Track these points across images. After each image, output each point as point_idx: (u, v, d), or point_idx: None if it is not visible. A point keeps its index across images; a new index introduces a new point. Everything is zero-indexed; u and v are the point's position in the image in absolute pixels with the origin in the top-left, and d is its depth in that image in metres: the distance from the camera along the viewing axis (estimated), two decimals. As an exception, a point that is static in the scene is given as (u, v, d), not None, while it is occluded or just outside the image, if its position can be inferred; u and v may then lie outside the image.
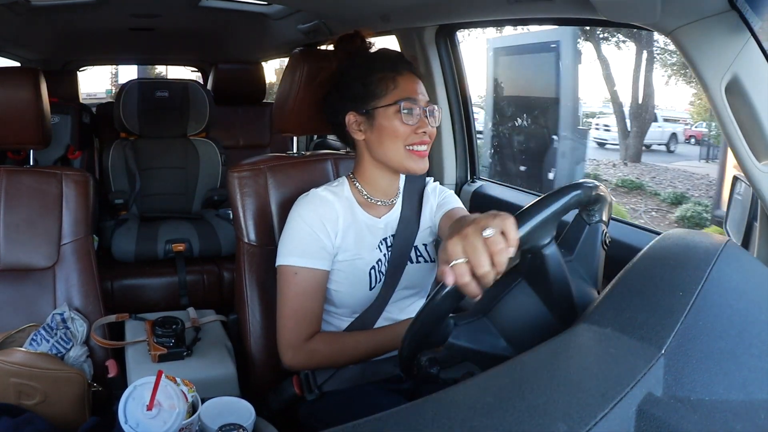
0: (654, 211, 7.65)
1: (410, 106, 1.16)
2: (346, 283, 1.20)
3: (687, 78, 10.22)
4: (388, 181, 1.25)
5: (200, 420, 0.88)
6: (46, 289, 1.38)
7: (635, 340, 0.57)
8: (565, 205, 0.77)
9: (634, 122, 10.21)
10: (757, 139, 0.96)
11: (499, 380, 0.53)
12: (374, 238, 1.23)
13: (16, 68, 2.29)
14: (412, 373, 0.84)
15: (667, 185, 8.51)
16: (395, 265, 1.22)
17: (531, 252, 0.77)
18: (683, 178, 8.69)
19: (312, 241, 1.16)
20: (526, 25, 4.47)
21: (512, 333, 0.78)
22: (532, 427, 0.46)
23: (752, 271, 0.78)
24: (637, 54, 10.30)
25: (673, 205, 7.67)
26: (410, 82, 1.19)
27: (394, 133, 1.16)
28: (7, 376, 1.14)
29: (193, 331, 1.41)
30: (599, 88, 10.10)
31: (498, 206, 1.41)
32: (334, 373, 1.19)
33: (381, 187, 1.25)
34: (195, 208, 2.71)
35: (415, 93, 1.18)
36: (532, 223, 0.72)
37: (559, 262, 0.78)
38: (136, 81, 2.74)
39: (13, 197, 1.37)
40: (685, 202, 7.50)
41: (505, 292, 0.79)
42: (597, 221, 0.87)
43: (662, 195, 8.02)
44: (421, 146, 1.18)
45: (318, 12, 2.29)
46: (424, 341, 0.80)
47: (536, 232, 0.74)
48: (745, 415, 0.56)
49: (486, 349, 0.77)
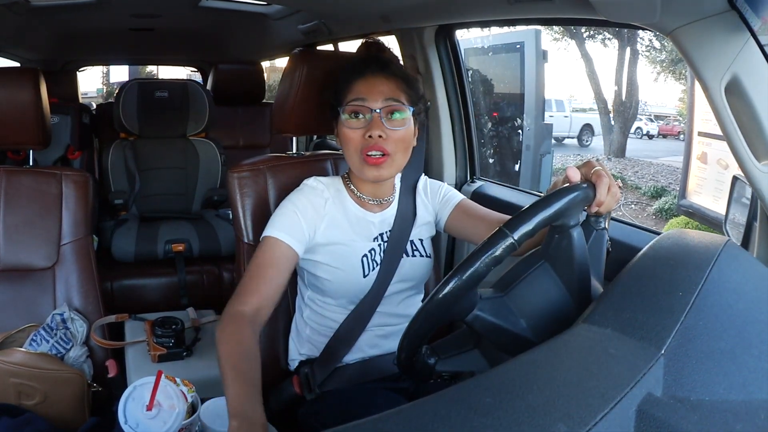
0: (634, 204, 7.83)
1: (356, 109, 1.13)
2: (338, 271, 1.18)
3: (676, 75, 10.31)
4: (373, 185, 1.22)
5: (200, 420, 0.88)
6: (46, 290, 1.38)
7: (635, 340, 0.57)
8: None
9: (618, 118, 10.29)
10: (757, 139, 0.96)
11: (499, 380, 0.53)
12: (368, 230, 1.22)
13: (16, 68, 2.30)
14: (410, 371, 0.84)
15: (649, 179, 8.65)
16: (391, 256, 1.21)
17: (559, 231, 0.79)
18: (666, 173, 8.82)
19: (291, 219, 1.15)
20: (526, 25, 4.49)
21: (531, 314, 0.79)
22: (532, 427, 0.46)
23: (752, 271, 0.78)
24: (620, 51, 10.39)
25: (653, 198, 7.89)
26: (368, 84, 1.14)
27: (345, 138, 1.15)
28: (7, 376, 1.14)
29: (193, 331, 1.41)
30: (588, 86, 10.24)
31: (498, 206, 1.41)
32: (334, 372, 1.19)
33: (369, 189, 1.24)
34: (195, 208, 2.71)
35: (369, 94, 1.13)
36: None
37: (583, 245, 0.80)
38: (135, 81, 2.74)
39: (13, 198, 1.37)
40: (665, 195, 7.73)
41: (527, 273, 0.80)
42: (602, 228, 0.88)
43: (643, 189, 8.21)
44: (372, 152, 1.12)
45: (318, 12, 2.29)
46: (422, 341, 0.80)
47: (568, 211, 0.77)
48: (745, 415, 0.56)
49: (508, 326, 0.77)
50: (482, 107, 6.28)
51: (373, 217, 1.23)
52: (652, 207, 7.66)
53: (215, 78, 3.17)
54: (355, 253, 1.19)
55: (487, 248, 0.72)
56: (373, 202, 1.24)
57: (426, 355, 0.82)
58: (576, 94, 14.38)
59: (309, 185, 1.22)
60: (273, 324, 1.33)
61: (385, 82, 1.15)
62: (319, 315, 1.23)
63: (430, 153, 2.04)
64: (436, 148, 2.02)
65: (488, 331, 0.78)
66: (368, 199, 1.24)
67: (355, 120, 1.14)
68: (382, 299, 1.21)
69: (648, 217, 7.58)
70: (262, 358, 1.33)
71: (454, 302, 0.73)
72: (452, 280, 0.72)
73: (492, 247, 0.71)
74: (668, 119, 11.68)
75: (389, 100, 1.13)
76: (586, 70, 10.35)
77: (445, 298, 0.73)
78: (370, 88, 1.14)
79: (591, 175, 0.85)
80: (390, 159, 1.14)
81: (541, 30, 5.81)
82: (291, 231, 1.14)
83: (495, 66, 6.05)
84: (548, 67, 8.04)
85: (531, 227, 0.72)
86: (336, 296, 1.21)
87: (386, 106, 1.13)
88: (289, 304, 1.34)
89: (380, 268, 1.20)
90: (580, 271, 0.79)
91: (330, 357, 1.20)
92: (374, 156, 1.12)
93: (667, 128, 11.52)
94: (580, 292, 0.79)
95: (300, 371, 1.22)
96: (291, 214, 1.16)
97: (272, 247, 1.13)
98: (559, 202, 0.76)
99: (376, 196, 1.25)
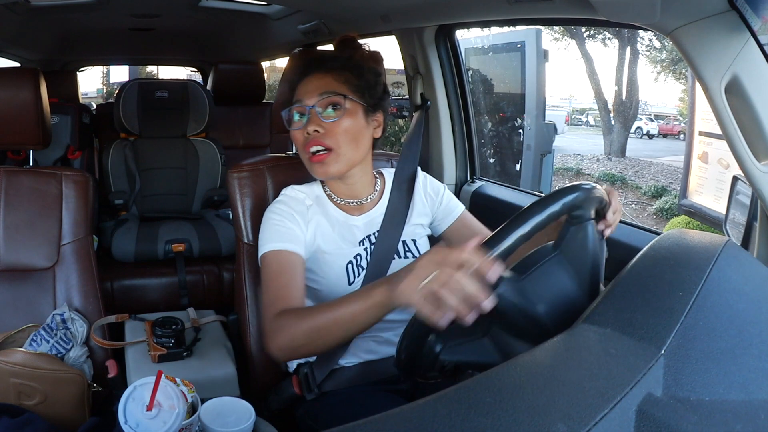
0: (634, 203, 7.82)
1: (296, 110, 1.14)
2: (324, 281, 1.17)
3: (676, 74, 10.31)
4: (344, 185, 1.21)
5: (200, 420, 0.88)
6: (46, 290, 1.38)
7: (635, 340, 0.57)
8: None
9: (618, 118, 10.29)
10: (757, 139, 0.96)
11: (499, 380, 0.53)
12: (352, 235, 1.20)
13: (16, 68, 2.29)
14: (410, 372, 0.84)
15: (649, 179, 8.63)
16: (378, 260, 1.18)
17: (576, 222, 0.81)
18: (667, 173, 8.80)
19: (282, 229, 1.13)
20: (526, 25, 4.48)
21: (548, 301, 0.79)
22: (531, 427, 0.46)
23: (752, 271, 0.78)
24: (620, 51, 10.41)
25: (653, 197, 7.91)
26: (304, 84, 1.15)
27: (293, 141, 1.16)
28: (7, 376, 1.14)
29: (193, 331, 1.41)
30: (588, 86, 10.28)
31: (497, 206, 1.42)
32: (333, 373, 1.19)
33: (342, 189, 1.22)
34: (195, 208, 2.71)
35: (305, 94, 1.14)
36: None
37: (596, 238, 0.83)
38: (135, 81, 2.74)
39: (13, 198, 1.37)
40: (665, 195, 7.76)
41: (543, 261, 0.81)
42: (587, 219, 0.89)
43: (643, 188, 8.22)
44: (313, 148, 1.12)
45: (318, 12, 2.29)
46: (422, 341, 0.80)
47: (585, 203, 0.80)
48: (745, 415, 0.56)
49: (529, 309, 0.78)
50: (482, 107, 6.27)
51: (355, 220, 1.21)
52: (653, 207, 7.65)
53: (215, 78, 3.17)
54: (339, 261, 1.17)
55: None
56: (352, 204, 1.22)
57: (432, 342, 0.82)
58: (576, 94, 14.37)
59: (288, 195, 1.20)
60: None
61: (322, 77, 1.15)
62: None
63: (430, 153, 2.04)
64: (436, 148, 2.02)
65: (510, 312, 0.78)
66: (346, 201, 1.22)
67: (297, 121, 1.14)
68: None
69: (648, 217, 7.60)
70: (262, 358, 1.34)
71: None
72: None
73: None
74: (668, 119, 11.69)
75: (324, 94, 1.13)
76: (587, 69, 10.38)
77: None
78: (306, 87, 1.15)
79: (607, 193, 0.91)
80: (335, 154, 1.13)
81: (542, 29, 5.84)
82: (284, 238, 1.12)
83: (496, 65, 6.06)
84: (548, 66, 8.06)
85: (542, 219, 0.75)
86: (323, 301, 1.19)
87: (320, 100, 1.12)
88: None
89: (366, 273, 1.17)
90: (593, 264, 0.81)
91: (326, 359, 1.19)
92: (318, 152, 1.12)
93: (667, 128, 11.52)
94: (591, 285, 0.81)
95: (299, 371, 1.21)
96: (278, 223, 1.14)
97: (273, 261, 1.11)
98: (556, 203, 0.77)
99: (353, 197, 1.22)
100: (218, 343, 1.39)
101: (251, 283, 1.34)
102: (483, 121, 6.26)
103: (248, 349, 1.34)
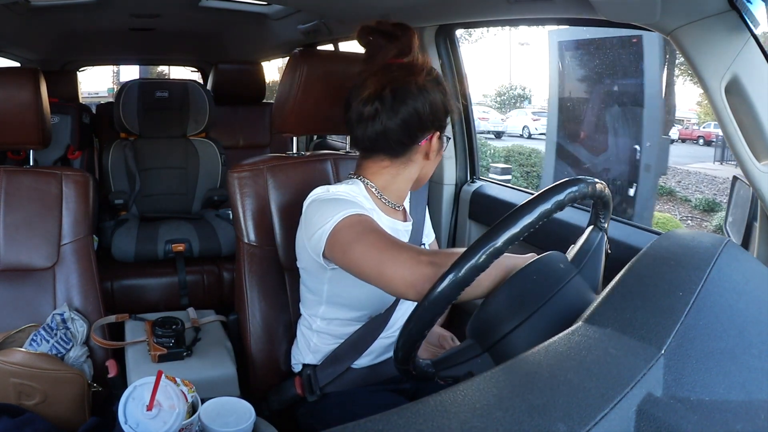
0: (689, 219, 6.96)
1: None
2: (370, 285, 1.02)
3: (693, 78, 10.06)
4: (397, 190, 1.18)
5: (200, 420, 0.88)
6: (46, 290, 1.38)
7: (635, 340, 0.57)
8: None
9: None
10: (757, 139, 0.96)
11: (499, 380, 0.53)
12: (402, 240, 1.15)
13: (16, 68, 2.29)
14: (408, 371, 0.84)
15: (694, 190, 7.75)
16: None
17: (600, 231, 0.87)
18: (707, 182, 7.92)
19: (352, 200, 1.06)
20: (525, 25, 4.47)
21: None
22: (531, 427, 0.46)
23: (752, 271, 0.78)
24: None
25: (705, 212, 7.00)
26: None
27: (439, 157, 1.21)
28: (7, 376, 1.14)
29: (193, 331, 1.41)
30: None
31: (497, 206, 1.41)
32: (337, 378, 1.18)
33: (394, 194, 1.18)
34: (195, 208, 2.71)
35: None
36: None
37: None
38: (135, 81, 2.74)
39: (13, 197, 1.37)
40: (716, 209, 6.83)
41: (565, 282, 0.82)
42: (602, 228, 0.90)
43: (693, 201, 7.32)
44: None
45: (318, 12, 2.29)
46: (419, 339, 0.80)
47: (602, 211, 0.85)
48: (745, 415, 0.56)
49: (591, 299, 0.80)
50: (582, 114, 4.81)
51: (402, 225, 1.20)
52: (711, 223, 6.53)
53: (215, 78, 3.17)
54: None
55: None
56: (398, 209, 1.21)
57: (427, 366, 0.82)
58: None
59: (341, 191, 1.09)
60: (272, 327, 1.33)
61: None
62: (333, 327, 1.19)
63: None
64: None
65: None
66: (393, 204, 1.18)
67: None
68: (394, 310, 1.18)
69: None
70: (262, 359, 1.34)
71: (446, 301, 0.74)
72: (446, 278, 0.73)
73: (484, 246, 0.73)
74: (687, 123, 11.42)
75: None
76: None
77: (441, 295, 0.73)
78: None
79: None
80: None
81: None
82: (356, 207, 1.04)
83: (601, 64, 4.72)
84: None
85: (534, 218, 0.74)
86: (360, 308, 1.17)
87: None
88: (290, 307, 1.34)
89: None
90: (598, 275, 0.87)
91: (335, 362, 1.18)
92: None
93: (686, 132, 11.20)
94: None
95: (302, 373, 1.21)
96: (343, 197, 1.06)
97: (360, 221, 1.00)
98: (552, 199, 0.76)
99: (400, 201, 1.20)
100: (218, 343, 1.39)
101: (251, 283, 1.34)
102: (583, 132, 5.02)
103: (248, 349, 1.34)
